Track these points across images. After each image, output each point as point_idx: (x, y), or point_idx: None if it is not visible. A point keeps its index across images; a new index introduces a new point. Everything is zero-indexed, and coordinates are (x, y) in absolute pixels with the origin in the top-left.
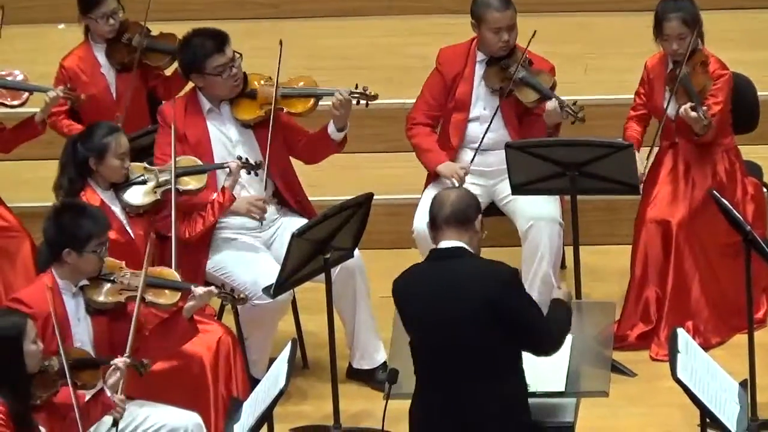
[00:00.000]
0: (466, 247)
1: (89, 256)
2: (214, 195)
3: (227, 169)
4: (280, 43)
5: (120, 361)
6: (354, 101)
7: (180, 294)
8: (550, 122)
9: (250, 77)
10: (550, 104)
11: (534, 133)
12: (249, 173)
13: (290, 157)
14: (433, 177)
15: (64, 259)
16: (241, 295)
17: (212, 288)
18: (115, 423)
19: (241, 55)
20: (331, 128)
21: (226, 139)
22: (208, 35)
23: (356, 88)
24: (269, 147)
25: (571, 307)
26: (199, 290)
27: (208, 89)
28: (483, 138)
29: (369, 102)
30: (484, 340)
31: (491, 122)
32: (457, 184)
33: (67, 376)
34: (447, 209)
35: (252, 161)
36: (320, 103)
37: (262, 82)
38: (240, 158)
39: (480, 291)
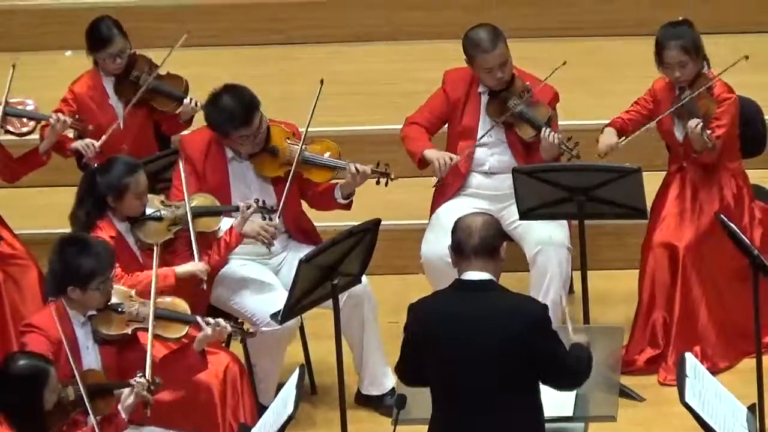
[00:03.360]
0: (494, 279)
1: (92, 293)
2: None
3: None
4: (321, 82)
5: (140, 383)
6: (374, 179)
7: (188, 327)
8: (546, 156)
9: (273, 131)
10: (545, 138)
11: (534, 161)
12: (264, 218)
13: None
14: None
15: (69, 295)
16: (251, 330)
17: (227, 326)
18: (147, 404)
19: (269, 121)
20: (338, 193)
21: (245, 187)
22: (239, 102)
23: (377, 166)
24: (285, 200)
25: (591, 351)
26: (211, 327)
27: (229, 144)
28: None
29: (388, 182)
30: (507, 375)
31: (480, 138)
32: (443, 169)
33: (88, 407)
34: (475, 239)
35: (268, 205)
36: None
37: (287, 141)
38: (257, 201)
39: (509, 328)
